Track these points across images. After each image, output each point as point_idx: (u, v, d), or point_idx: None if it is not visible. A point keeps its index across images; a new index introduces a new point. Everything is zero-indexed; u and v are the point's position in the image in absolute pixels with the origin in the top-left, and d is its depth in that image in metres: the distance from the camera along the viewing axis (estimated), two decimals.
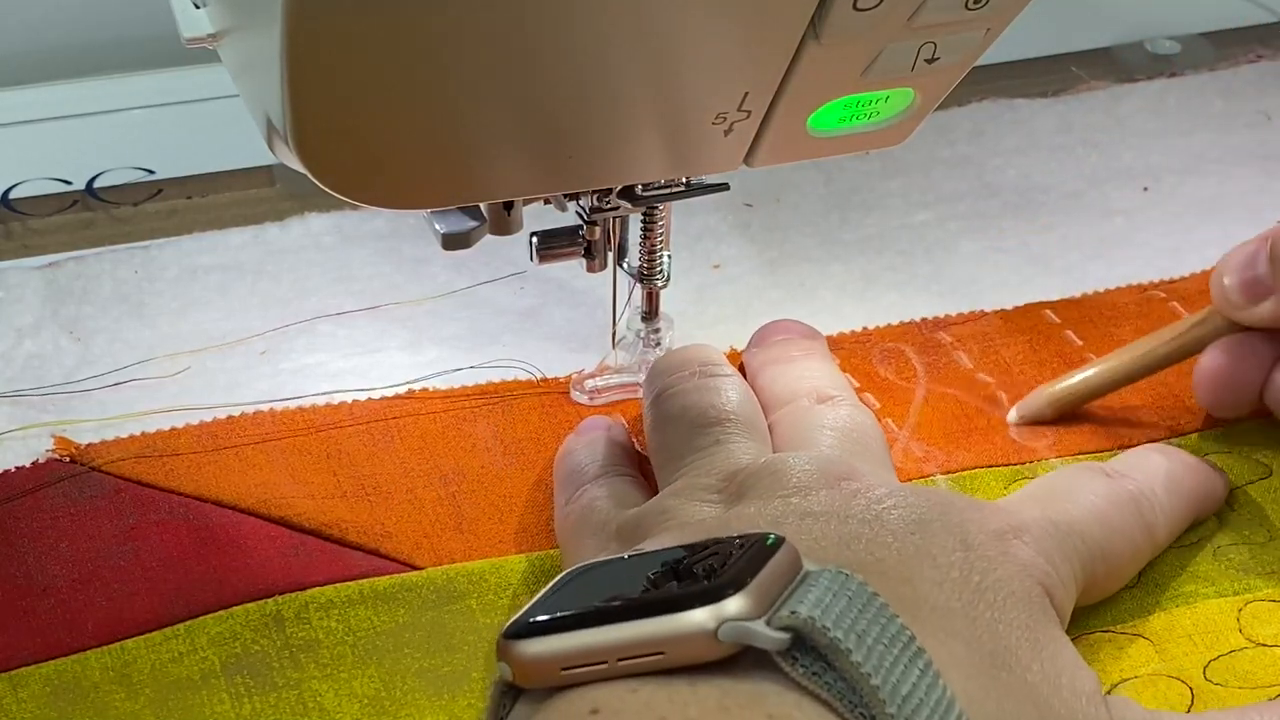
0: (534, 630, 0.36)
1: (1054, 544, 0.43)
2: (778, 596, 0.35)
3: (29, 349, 0.56)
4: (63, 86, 0.72)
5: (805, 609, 0.34)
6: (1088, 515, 0.45)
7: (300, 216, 0.62)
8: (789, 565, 0.36)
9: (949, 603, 0.39)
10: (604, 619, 0.35)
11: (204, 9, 0.46)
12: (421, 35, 0.37)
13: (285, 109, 0.38)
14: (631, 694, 0.35)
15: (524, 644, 0.36)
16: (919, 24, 0.41)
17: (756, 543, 0.37)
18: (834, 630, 0.34)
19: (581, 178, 0.45)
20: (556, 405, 0.54)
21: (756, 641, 0.34)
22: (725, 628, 0.34)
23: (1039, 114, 0.70)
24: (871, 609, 0.35)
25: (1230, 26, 0.78)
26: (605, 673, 0.35)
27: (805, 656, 0.34)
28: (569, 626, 0.36)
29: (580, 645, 0.35)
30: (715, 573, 0.36)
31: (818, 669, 0.34)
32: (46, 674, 0.44)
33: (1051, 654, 0.40)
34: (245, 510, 0.49)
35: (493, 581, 0.47)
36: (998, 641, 0.39)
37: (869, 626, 0.35)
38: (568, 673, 0.35)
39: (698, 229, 0.62)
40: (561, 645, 0.35)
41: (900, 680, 0.34)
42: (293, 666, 0.44)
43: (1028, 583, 0.41)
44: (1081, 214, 0.64)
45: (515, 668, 0.36)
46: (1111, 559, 0.45)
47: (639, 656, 0.35)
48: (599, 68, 0.40)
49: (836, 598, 0.35)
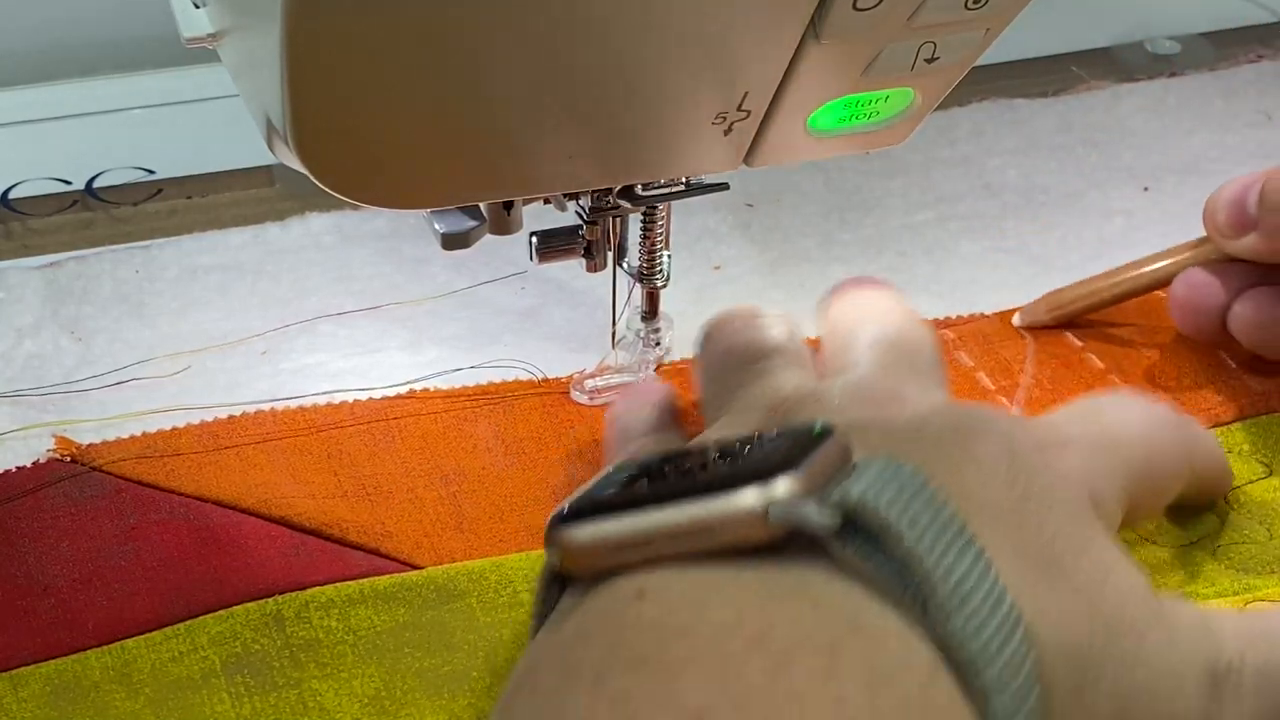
0: (582, 515, 0.36)
1: (1098, 459, 0.42)
2: (828, 481, 0.35)
3: (29, 349, 0.56)
4: (63, 86, 0.72)
5: (856, 491, 0.34)
6: (1132, 435, 0.44)
7: (300, 216, 0.62)
8: (839, 452, 0.36)
9: (998, 501, 0.38)
10: (653, 502, 0.35)
11: (204, 9, 0.46)
12: (421, 35, 0.37)
13: (285, 109, 0.38)
14: (678, 578, 0.34)
15: (573, 529, 0.35)
16: (919, 24, 0.41)
17: (805, 431, 0.36)
18: (886, 512, 0.33)
19: (582, 178, 0.45)
20: (557, 405, 0.54)
21: (806, 522, 0.34)
22: (774, 509, 0.34)
23: (1039, 114, 0.70)
24: (923, 496, 0.34)
25: (1230, 26, 0.78)
26: (653, 556, 0.34)
27: (855, 539, 0.34)
28: (618, 509, 0.35)
29: (628, 528, 0.35)
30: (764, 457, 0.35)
31: (868, 551, 0.34)
32: (47, 674, 0.44)
33: (1098, 554, 0.39)
34: (246, 510, 0.49)
35: (493, 581, 0.47)
36: (1044, 541, 0.38)
37: (920, 512, 0.34)
38: (616, 557, 0.35)
39: (698, 229, 0.62)
40: (609, 529, 0.35)
41: (952, 566, 0.34)
42: (293, 666, 0.44)
43: (1072, 489, 0.40)
44: (1082, 214, 0.64)
45: (563, 553, 0.36)
46: (1154, 478, 0.44)
47: (687, 540, 0.34)
48: (599, 67, 0.40)
49: (888, 484, 0.34)
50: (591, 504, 0.36)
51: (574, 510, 0.36)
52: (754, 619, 0.33)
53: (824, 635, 0.32)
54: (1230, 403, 0.54)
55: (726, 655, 0.32)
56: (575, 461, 0.52)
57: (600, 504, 0.36)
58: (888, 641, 0.33)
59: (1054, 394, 0.55)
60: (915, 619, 0.33)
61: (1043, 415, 0.45)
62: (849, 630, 0.33)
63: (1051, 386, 0.55)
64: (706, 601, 0.33)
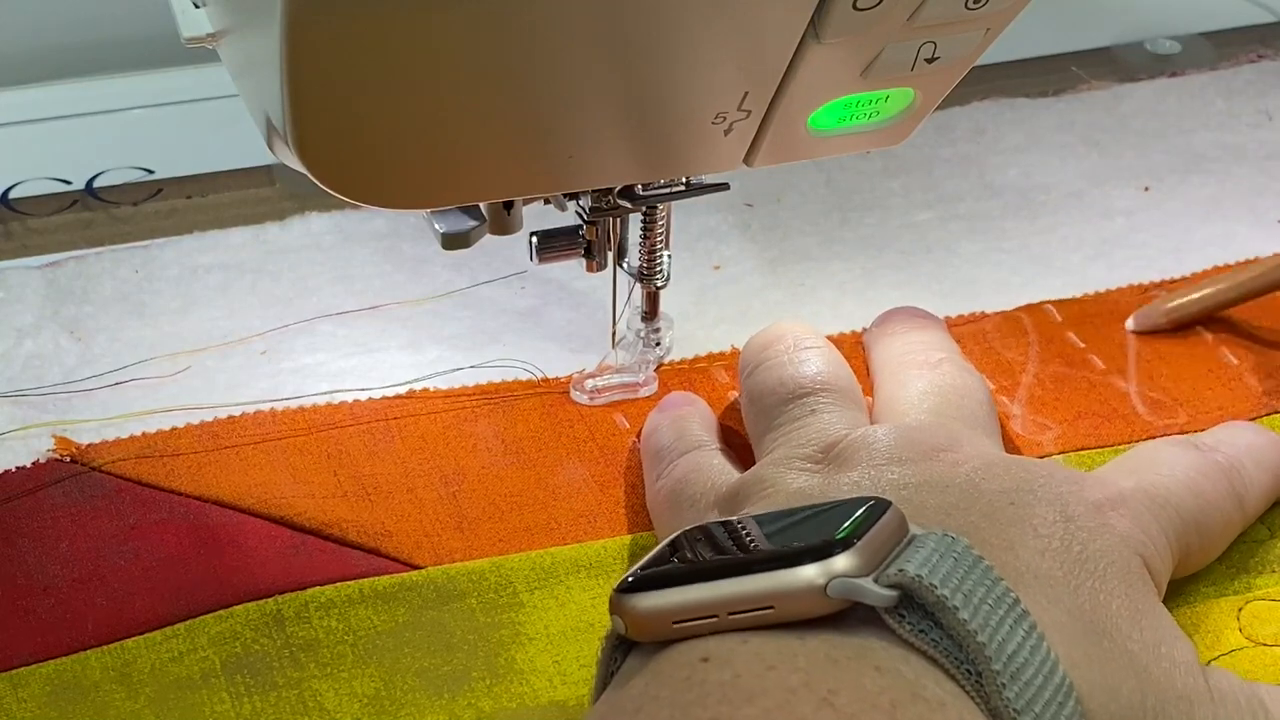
0: (647, 585, 0.37)
1: (1150, 516, 0.44)
2: (885, 556, 0.36)
3: (29, 349, 0.56)
4: (63, 86, 0.72)
5: (913, 567, 0.35)
6: (1182, 488, 0.45)
7: (301, 216, 0.62)
8: (896, 527, 0.37)
9: (1051, 571, 0.40)
10: (715, 574, 0.36)
11: (204, 9, 0.46)
12: (421, 35, 0.37)
13: (285, 109, 0.38)
14: (742, 644, 0.35)
15: (637, 598, 0.37)
16: (919, 24, 0.41)
17: (863, 505, 0.38)
18: (941, 588, 0.35)
19: (581, 178, 0.45)
20: (557, 405, 0.54)
21: (865, 598, 0.35)
22: (834, 584, 0.35)
23: (1040, 113, 0.70)
24: (977, 571, 0.36)
25: (1231, 26, 0.78)
26: (715, 626, 0.36)
27: (912, 614, 0.35)
28: (681, 581, 0.37)
29: (692, 599, 0.36)
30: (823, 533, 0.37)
31: (924, 626, 0.35)
32: (47, 673, 0.44)
33: (1151, 623, 0.40)
34: (246, 510, 0.49)
35: (493, 581, 0.47)
36: (1098, 610, 0.39)
37: (975, 587, 0.35)
38: (679, 626, 0.36)
39: (698, 229, 0.62)
40: (674, 599, 0.36)
41: (1006, 639, 0.35)
42: (293, 666, 0.44)
43: (1126, 553, 0.42)
44: (1082, 214, 0.64)
45: (628, 621, 0.37)
46: (1205, 531, 0.45)
47: (749, 611, 0.36)
48: (599, 67, 0.40)
49: (943, 559, 0.36)
50: (655, 575, 0.37)
51: (638, 580, 0.37)
52: (820, 682, 0.34)
53: (886, 700, 0.34)
54: (1231, 403, 0.54)
55: (794, 716, 0.33)
56: (575, 461, 0.52)
57: (663, 575, 0.37)
58: (946, 709, 0.34)
59: (1055, 394, 0.55)
60: (971, 690, 0.35)
61: (1096, 471, 0.46)
62: (910, 697, 0.34)
63: (1053, 386, 0.55)
64: (773, 666, 0.35)
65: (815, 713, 0.33)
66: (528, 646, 0.45)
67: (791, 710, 0.33)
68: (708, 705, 0.34)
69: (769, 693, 0.34)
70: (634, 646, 0.38)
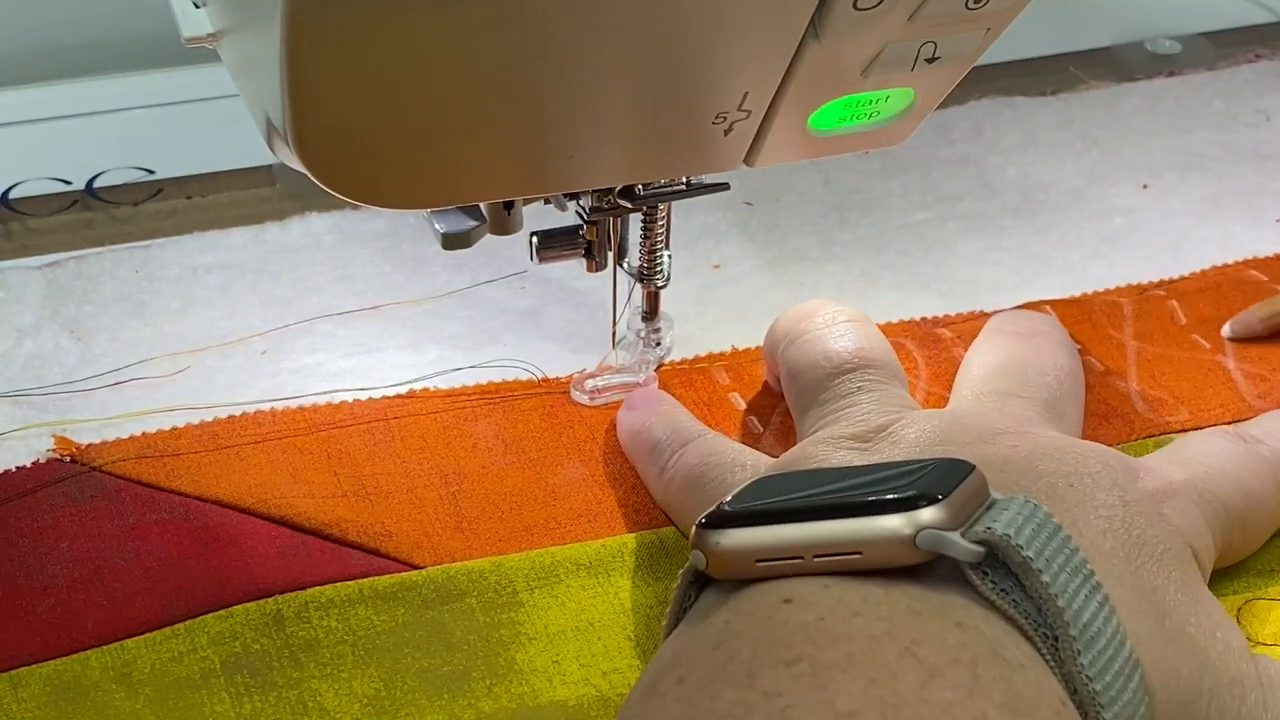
0: (732, 522, 0.37)
1: (1198, 511, 0.44)
2: (971, 514, 0.36)
3: (29, 349, 0.56)
4: (63, 86, 0.72)
5: (1000, 526, 0.35)
6: (1230, 483, 0.46)
7: (301, 216, 0.62)
8: (980, 487, 0.37)
9: (1113, 550, 0.40)
10: (802, 516, 0.36)
11: (204, 9, 0.46)
12: (421, 35, 0.37)
13: (285, 109, 0.38)
14: (825, 589, 0.36)
15: (723, 534, 0.37)
16: (919, 23, 0.41)
17: (948, 463, 0.38)
18: (1026, 549, 0.35)
19: (581, 178, 0.45)
20: (557, 405, 0.54)
21: (952, 551, 0.35)
22: (923, 535, 0.35)
23: (1038, 112, 0.70)
24: (1057, 538, 0.36)
25: (1230, 26, 0.78)
26: (799, 568, 0.36)
27: (995, 573, 0.36)
28: (767, 520, 0.37)
29: (779, 539, 0.36)
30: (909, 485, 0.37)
31: (1006, 586, 0.35)
32: (47, 674, 0.44)
33: (1206, 608, 0.41)
34: (246, 510, 0.49)
35: (493, 580, 0.47)
36: (1158, 591, 0.40)
37: (1055, 554, 0.36)
38: (762, 565, 0.36)
39: (697, 228, 0.62)
40: (760, 538, 0.37)
41: (1081, 608, 0.35)
42: (293, 666, 0.44)
43: (1179, 543, 0.42)
44: (1081, 213, 0.64)
45: (711, 557, 0.37)
46: (1248, 526, 0.46)
47: (834, 555, 0.36)
48: (599, 68, 0.40)
49: (1027, 522, 0.36)
50: (740, 512, 0.37)
51: (722, 517, 0.37)
52: (904, 632, 0.34)
53: (968, 655, 0.34)
54: (1230, 404, 0.54)
55: (878, 664, 0.33)
56: (575, 461, 0.52)
57: (748, 513, 0.37)
58: (1024, 668, 0.34)
59: None
60: (1046, 653, 0.35)
61: (1144, 460, 0.46)
62: (990, 654, 0.34)
63: None
64: (857, 612, 0.35)
65: (898, 661, 0.33)
66: (527, 646, 0.45)
67: (875, 657, 0.33)
68: (791, 645, 0.34)
69: (853, 638, 0.34)
70: (710, 583, 0.38)
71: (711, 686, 0.34)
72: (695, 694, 0.34)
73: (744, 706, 0.33)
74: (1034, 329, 0.52)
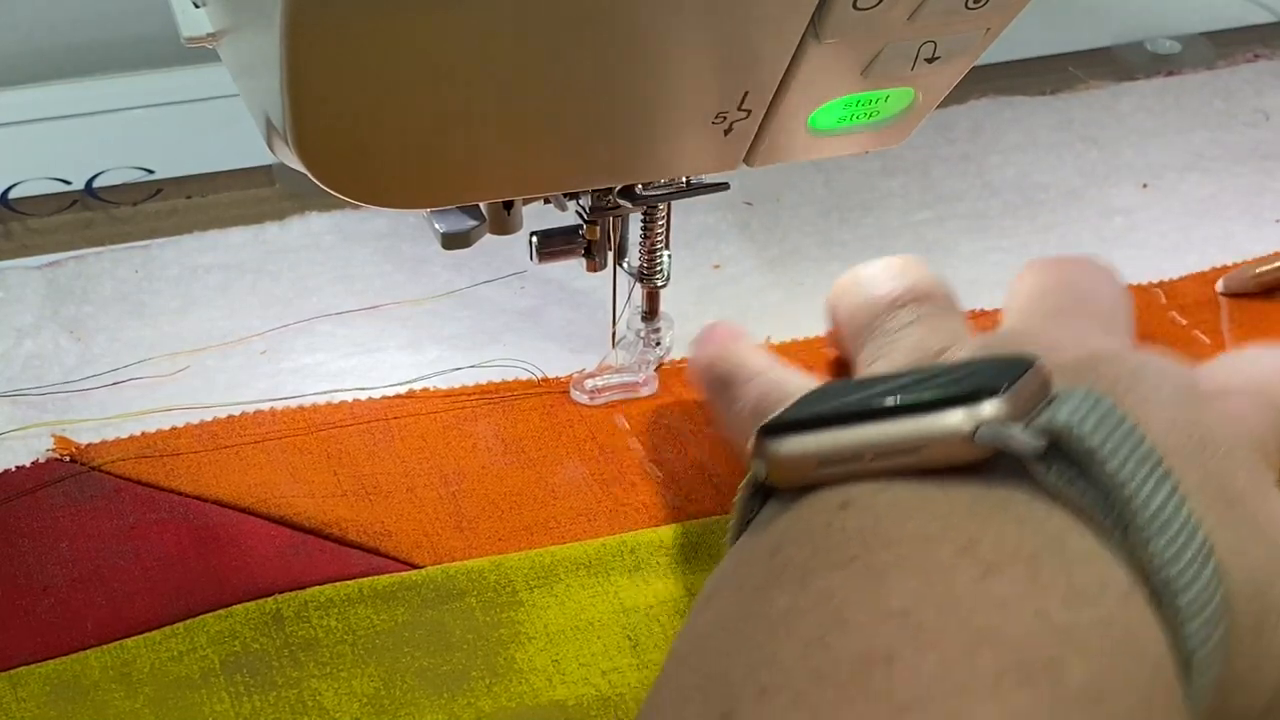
0: (789, 429, 0.37)
1: (1260, 413, 0.43)
2: (1033, 407, 0.36)
3: (29, 349, 0.56)
4: (63, 86, 0.72)
5: (1062, 417, 0.35)
6: None
7: (300, 216, 0.62)
8: (1041, 381, 0.37)
9: (1179, 443, 0.39)
10: (859, 420, 0.36)
11: (204, 9, 0.46)
12: (421, 35, 0.37)
13: (285, 109, 0.38)
14: (881, 491, 0.35)
15: (781, 441, 0.37)
16: (919, 23, 0.41)
17: (1007, 359, 0.37)
18: (1090, 439, 0.34)
19: (581, 178, 0.45)
20: (556, 405, 0.54)
21: (1012, 444, 0.35)
22: (982, 430, 0.35)
23: (1038, 111, 0.70)
24: (1123, 428, 0.35)
25: (1230, 26, 0.78)
26: (859, 471, 0.36)
27: (1059, 464, 0.35)
28: (825, 425, 0.36)
29: (837, 442, 0.36)
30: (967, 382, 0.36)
31: (1070, 477, 0.35)
32: (46, 673, 0.44)
33: (1276, 500, 0.40)
34: (245, 509, 0.49)
35: (493, 580, 0.47)
36: (1227, 484, 0.39)
37: (1120, 443, 0.35)
38: (822, 470, 0.36)
39: (697, 228, 0.62)
40: (818, 442, 0.36)
41: (1151, 494, 0.35)
42: (292, 665, 0.44)
43: (1245, 439, 0.41)
44: (1081, 212, 0.64)
45: (771, 464, 0.37)
46: None
47: (894, 456, 0.35)
48: (599, 67, 0.40)
49: (1090, 413, 0.35)
50: (798, 419, 0.37)
51: (781, 424, 0.37)
52: (960, 530, 0.34)
53: (1027, 550, 0.34)
54: None
55: (933, 561, 0.33)
56: (574, 461, 0.52)
57: (806, 419, 0.37)
58: (1088, 561, 0.34)
59: None
60: (1115, 542, 0.34)
61: (1200, 368, 0.46)
62: (1051, 548, 0.34)
63: None
64: (912, 512, 0.34)
65: (953, 560, 0.33)
66: (527, 645, 0.45)
67: (929, 555, 0.33)
68: (846, 548, 0.34)
69: (907, 539, 0.34)
70: (771, 494, 0.38)
71: (767, 591, 0.34)
72: (751, 598, 0.34)
73: (797, 609, 0.33)
74: (1077, 258, 0.52)
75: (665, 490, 0.50)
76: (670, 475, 0.51)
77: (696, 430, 0.53)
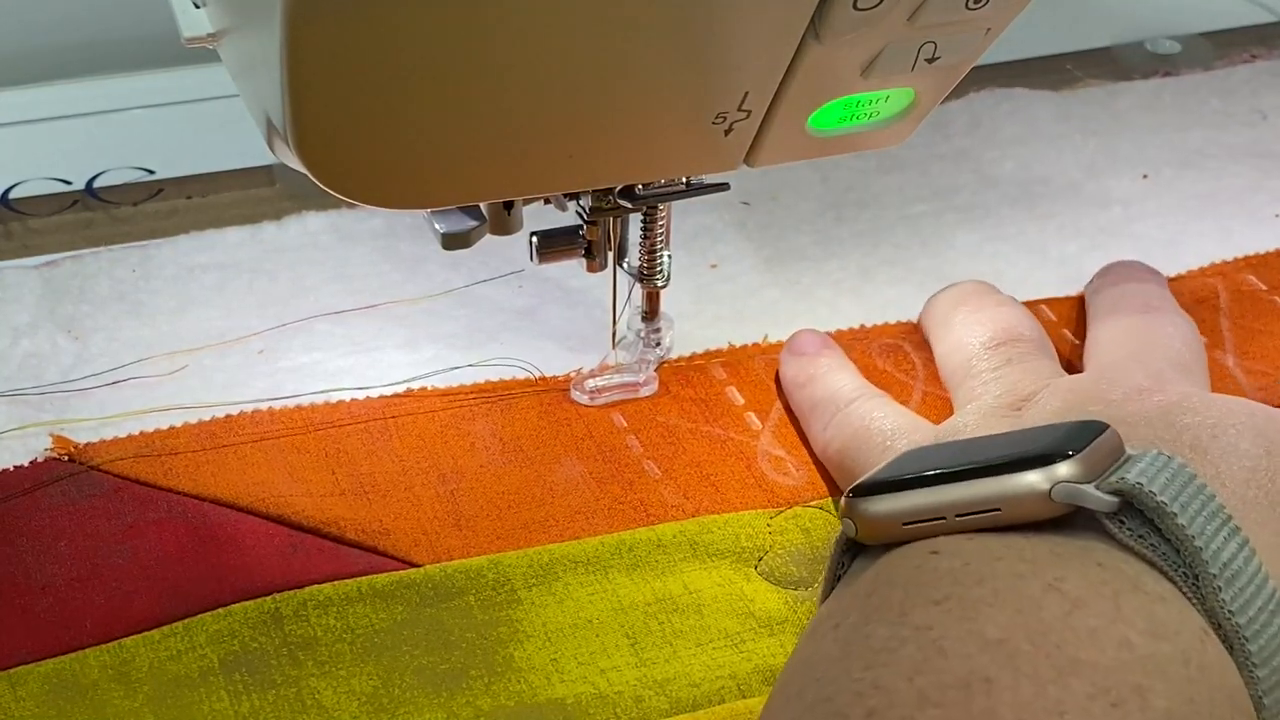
0: (879, 490, 0.39)
1: None
2: (1106, 468, 0.38)
3: (27, 348, 0.56)
4: (63, 86, 0.72)
5: (1133, 476, 0.37)
6: None
7: (298, 215, 0.62)
8: (1114, 443, 0.39)
9: (1257, 499, 0.41)
10: (943, 480, 0.39)
11: (204, 9, 0.46)
12: (421, 35, 0.37)
13: (285, 109, 0.38)
14: (969, 540, 0.38)
15: (870, 501, 0.39)
16: (919, 24, 0.41)
17: (1082, 424, 0.40)
18: (1160, 496, 0.36)
19: (581, 178, 0.45)
20: (555, 404, 0.54)
21: (1087, 502, 0.37)
22: (1058, 488, 0.37)
23: (1036, 105, 0.71)
24: (1192, 486, 0.37)
25: (1229, 27, 0.78)
26: (943, 528, 0.38)
27: (1131, 520, 0.37)
28: (912, 486, 0.39)
29: (922, 502, 0.39)
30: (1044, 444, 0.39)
31: (1143, 532, 0.37)
32: (45, 672, 0.44)
33: None
34: (243, 508, 0.49)
35: (491, 579, 0.47)
36: None
37: (1190, 500, 0.37)
38: (909, 527, 0.39)
39: (694, 228, 0.62)
40: (905, 502, 0.39)
41: (1221, 548, 0.37)
42: (291, 664, 0.44)
43: None
44: (1079, 204, 0.64)
45: (860, 523, 0.40)
46: None
47: (975, 513, 0.38)
48: (599, 67, 0.40)
49: (1160, 472, 0.37)
50: (885, 480, 0.40)
51: (870, 485, 0.40)
52: (1046, 569, 0.36)
53: (1110, 589, 0.36)
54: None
55: (1023, 595, 0.36)
56: (572, 459, 0.52)
57: (893, 481, 0.40)
58: (1165, 601, 0.36)
59: None
60: (1187, 590, 0.36)
61: None
62: (1131, 587, 0.36)
63: None
64: (1000, 555, 0.37)
65: (1043, 595, 0.35)
66: (525, 644, 0.45)
67: (1020, 591, 0.35)
68: (940, 586, 0.36)
69: (998, 576, 0.36)
70: (861, 551, 0.40)
71: (866, 626, 0.36)
72: (850, 634, 0.36)
73: (897, 640, 0.35)
74: (1147, 303, 0.54)
75: (663, 488, 0.50)
76: (668, 473, 0.51)
77: (694, 429, 0.53)
